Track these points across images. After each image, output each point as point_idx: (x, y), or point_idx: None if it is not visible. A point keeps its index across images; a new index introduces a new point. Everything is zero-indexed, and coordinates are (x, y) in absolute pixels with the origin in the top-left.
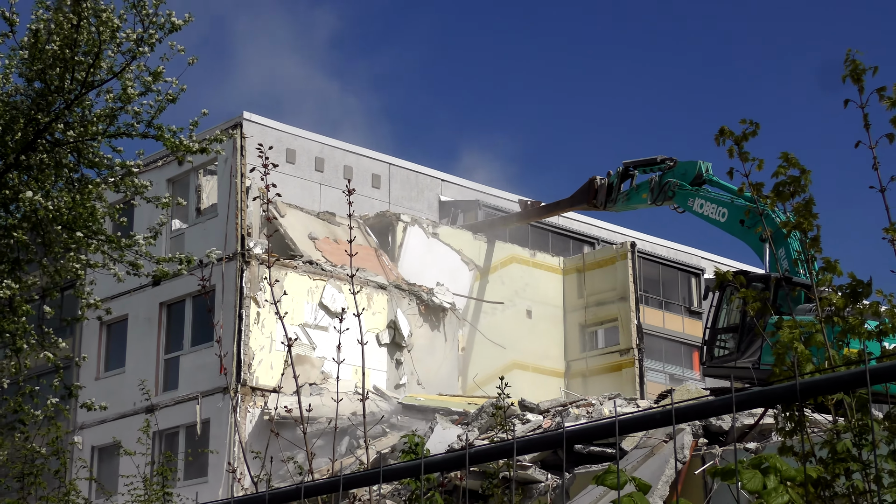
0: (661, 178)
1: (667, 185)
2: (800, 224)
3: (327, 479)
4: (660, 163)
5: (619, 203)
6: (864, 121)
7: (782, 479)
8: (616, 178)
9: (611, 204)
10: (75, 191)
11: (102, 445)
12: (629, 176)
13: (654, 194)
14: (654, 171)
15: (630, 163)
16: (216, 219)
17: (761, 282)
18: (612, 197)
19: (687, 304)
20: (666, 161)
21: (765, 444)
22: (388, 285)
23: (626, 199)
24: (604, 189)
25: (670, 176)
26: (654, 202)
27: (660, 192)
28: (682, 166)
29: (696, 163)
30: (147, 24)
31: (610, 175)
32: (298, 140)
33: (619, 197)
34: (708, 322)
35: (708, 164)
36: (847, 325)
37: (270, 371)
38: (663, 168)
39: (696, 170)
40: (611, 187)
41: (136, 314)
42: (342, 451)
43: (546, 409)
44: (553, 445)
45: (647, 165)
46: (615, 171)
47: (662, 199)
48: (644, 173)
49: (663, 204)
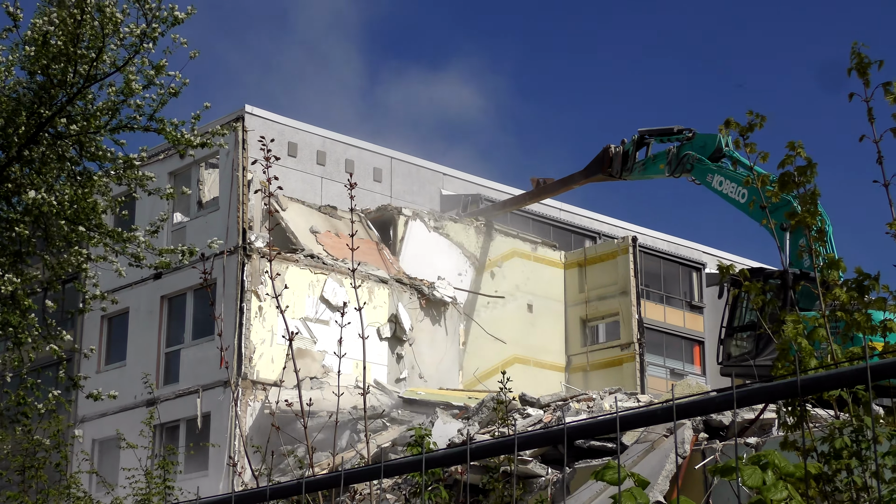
0: (679, 150)
1: (685, 158)
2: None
3: (329, 474)
4: (677, 133)
5: (634, 172)
6: (869, 115)
7: (781, 474)
8: (631, 146)
9: (626, 172)
10: (77, 184)
11: (103, 438)
12: (644, 144)
13: (672, 166)
14: (672, 141)
15: (645, 131)
16: (217, 212)
17: (778, 278)
18: (627, 165)
19: (688, 298)
20: (684, 132)
21: (765, 439)
22: (389, 279)
23: (643, 169)
24: (619, 157)
25: (689, 148)
26: (672, 174)
27: (678, 164)
28: (701, 138)
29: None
30: (150, 18)
31: (624, 143)
32: (300, 133)
33: (636, 166)
34: (724, 321)
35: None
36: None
37: (271, 365)
38: (681, 139)
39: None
40: (626, 155)
41: (137, 307)
42: (343, 444)
43: (547, 403)
44: (554, 441)
45: (664, 135)
46: (630, 138)
47: (680, 171)
48: (660, 143)
49: (681, 176)
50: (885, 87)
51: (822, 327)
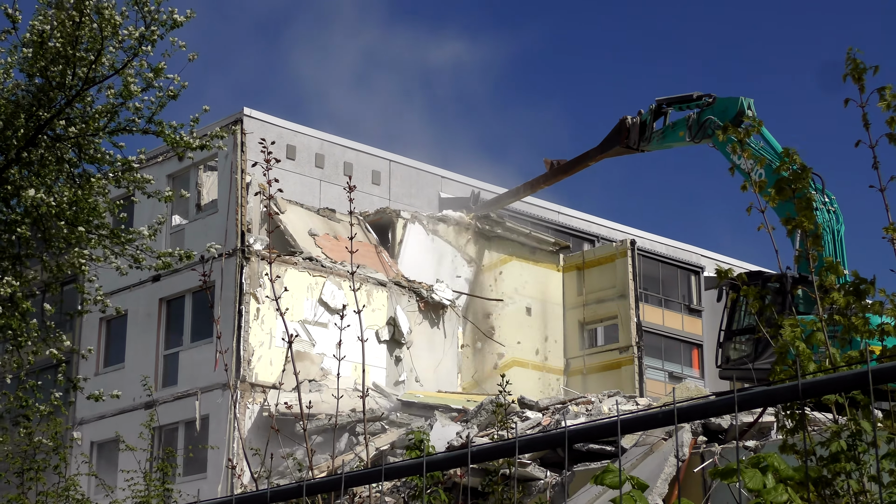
0: (699, 115)
1: (707, 122)
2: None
3: (329, 477)
4: (696, 99)
5: (653, 142)
6: (864, 120)
7: (780, 478)
8: (649, 116)
9: (644, 143)
10: (76, 186)
11: (102, 441)
12: (662, 114)
13: (693, 132)
14: (692, 108)
15: (664, 100)
16: (216, 215)
17: (776, 282)
18: (645, 136)
19: (687, 301)
20: (704, 97)
21: (764, 442)
22: (387, 282)
23: (662, 138)
24: (636, 128)
25: (710, 113)
26: (693, 140)
27: (699, 129)
28: (722, 103)
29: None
30: (149, 20)
31: (641, 113)
32: (299, 136)
33: (654, 135)
34: (723, 324)
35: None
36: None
37: (270, 367)
38: (701, 105)
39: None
40: (643, 125)
41: (135, 310)
42: (341, 447)
43: (545, 406)
44: (554, 444)
45: (683, 102)
46: (647, 109)
47: (702, 136)
48: (679, 111)
49: (701, 142)
50: (879, 92)
51: (821, 331)
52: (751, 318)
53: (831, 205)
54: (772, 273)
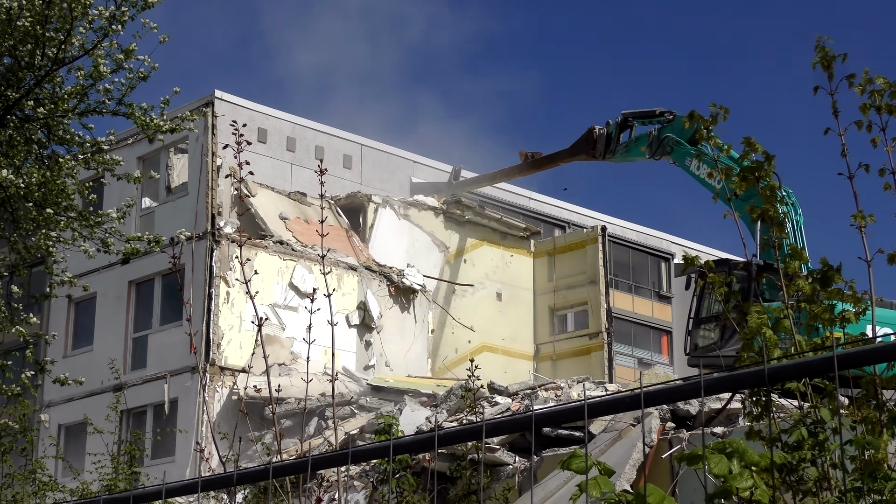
0: (659, 133)
1: (665, 140)
2: (766, 210)
3: (295, 460)
4: (658, 115)
5: (617, 154)
6: (833, 108)
7: (746, 464)
8: (615, 129)
9: (609, 154)
10: (45, 167)
11: (69, 424)
12: (628, 126)
13: (653, 149)
14: (654, 123)
15: (629, 113)
16: (186, 197)
17: (743, 269)
18: (610, 147)
19: (657, 288)
20: (665, 114)
21: (732, 429)
22: (358, 266)
23: (626, 151)
24: (602, 139)
25: (669, 131)
26: (653, 156)
27: (658, 146)
28: (681, 121)
29: None
30: (119, 1)
31: (609, 125)
32: (270, 119)
33: (619, 148)
34: (691, 311)
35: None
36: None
37: (240, 351)
38: (662, 121)
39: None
40: (609, 137)
41: (104, 292)
42: (311, 431)
43: (515, 391)
44: (522, 428)
45: (646, 117)
46: (614, 120)
47: (661, 153)
48: (643, 125)
49: (661, 158)
50: (848, 79)
51: (787, 318)
52: (718, 305)
53: (789, 198)
54: (739, 260)
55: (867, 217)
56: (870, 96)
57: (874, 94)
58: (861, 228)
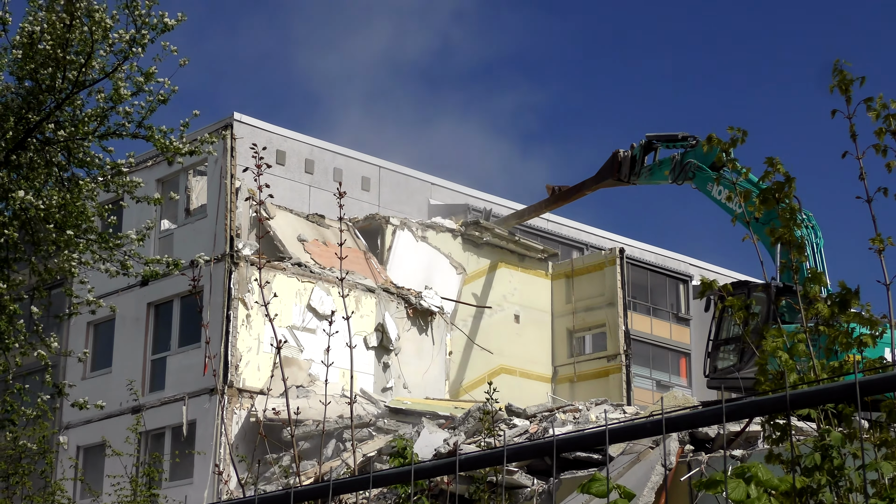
0: (682, 157)
1: (688, 165)
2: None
3: (317, 484)
4: (681, 139)
5: (642, 176)
6: (851, 131)
7: (765, 488)
8: (639, 151)
9: (634, 177)
10: (65, 190)
11: (88, 445)
12: (652, 149)
13: (675, 173)
14: (677, 147)
15: (653, 136)
16: (205, 220)
17: (762, 291)
18: (635, 170)
19: (675, 310)
20: (688, 139)
21: (751, 452)
22: (376, 288)
23: (650, 174)
24: (627, 161)
25: (691, 156)
26: (676, 181)
27: (681, 171)
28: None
29: None
30: (139, 24)
31: (633, 147)
32: (288, 142)
33: (643, 171)
34: (711, 334)
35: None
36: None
37: (258, 373)
38: (685, 146)
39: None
40: (634, 160)
41: (123, 314)
42: (328, 453)
43: (533, 414)
44: (543, 453)
45: (670, 141)
46: (638, 143)
47: (683, 178)
48: (667, 148)
49: (683, 183)
50: (866, 102)
51: (803, 342)
52: (738, 327)
53: (809, 221)
54: (758, 283)
55: (886, 240)
56: (884, 120)
57: (889, 118)
58: (880, 252)
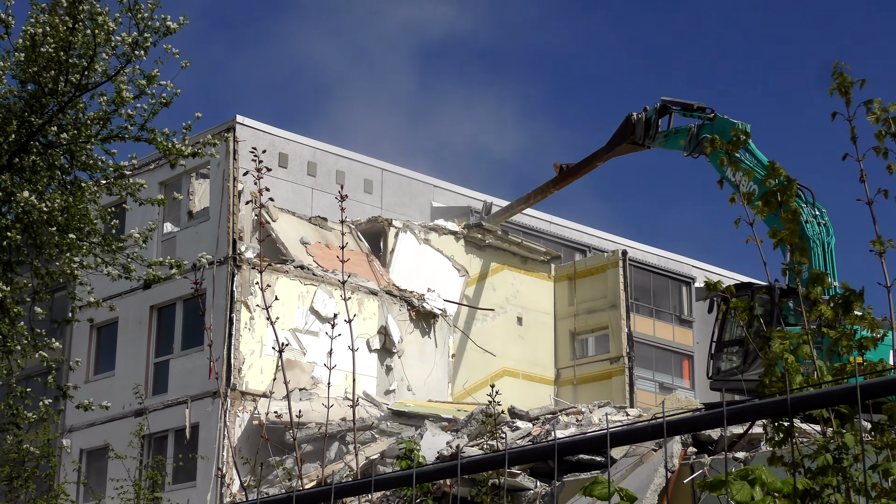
0: (699, 131)
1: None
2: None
3: (319, 488)
4: (696, 110)
5: (657, 140)
6: (852, 134)
7: (769, 490)
8: (654, 114)
9: (649, 140)
10: (68, 193)
11: (91, 448)
12: (667, 112)
13: (692, 146)
14: (692, 117)
15: (669, 100)
16: (208, 222)
17: (766, 293)
18: (650, 133)
19: (678, 312)
20: (705, 109)
21: (753, 454)
22: (378, 291)
23: (665, 140)
24: (642, 124)
25: (708, 130)
26: (690, 153)
27: (696, 144)
28: (721, 123)
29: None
30: (142, 27)
31: (647, 110)
32: (290, 144)
33: (658, 135)
34: (714, 336)
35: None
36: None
37: (260, 376)
38: (702, 117)
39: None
40: (648, 122)
41: (126, 317)
42: (331, 456)
43: (536, 416)
44: (545, 457)
45: (685, 108)
46: (652, 106)
47: (698, 152)
48: (683, 116)
49: (698, 157)
50: (866, 105)
51: (807, 343)
52: (741, 329)
53: (822, 217)
54: (761, 285)
55: (886, 242)
56: (884, 123)
57: (889, 121)
58: (881, 254)
